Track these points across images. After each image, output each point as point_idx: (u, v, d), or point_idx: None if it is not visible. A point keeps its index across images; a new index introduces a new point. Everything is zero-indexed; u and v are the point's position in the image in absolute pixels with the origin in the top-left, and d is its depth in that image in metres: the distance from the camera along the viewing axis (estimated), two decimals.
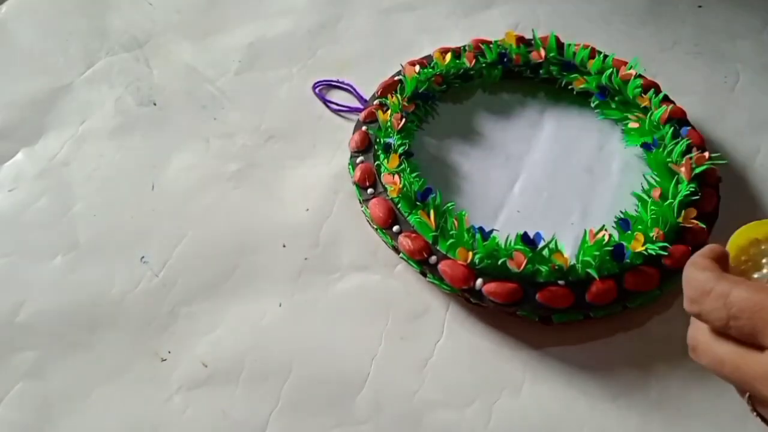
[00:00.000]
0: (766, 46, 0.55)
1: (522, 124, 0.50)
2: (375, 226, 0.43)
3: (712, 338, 0.26)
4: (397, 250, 0.42)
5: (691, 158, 0.44)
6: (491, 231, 0.41)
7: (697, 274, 0.27)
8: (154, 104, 0.51)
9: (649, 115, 0.47)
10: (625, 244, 0.40)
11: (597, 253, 0.40)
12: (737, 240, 0.29)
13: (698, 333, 0.27)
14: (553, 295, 0.39)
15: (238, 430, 0.37)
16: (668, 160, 0.45)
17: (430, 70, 0.50)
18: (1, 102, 0.51)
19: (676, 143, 0.45)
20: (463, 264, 0.40)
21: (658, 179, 0.44)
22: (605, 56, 0.51)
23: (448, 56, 0.51)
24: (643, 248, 0.40)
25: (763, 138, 0.50)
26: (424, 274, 0.41)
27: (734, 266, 0.29)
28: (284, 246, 0.44)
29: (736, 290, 0.25)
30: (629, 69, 0.49)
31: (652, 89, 0.49)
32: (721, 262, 0.28)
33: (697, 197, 0.42)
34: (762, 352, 0.24)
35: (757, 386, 0.24)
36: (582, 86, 0.50)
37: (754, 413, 0.26)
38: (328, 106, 0.52)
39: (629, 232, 0.41)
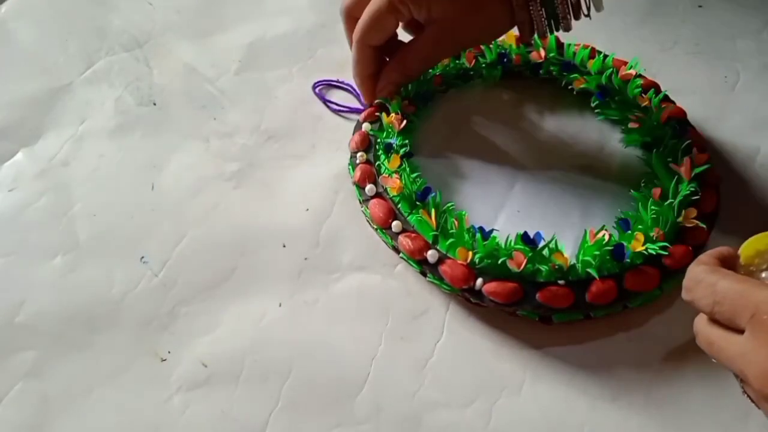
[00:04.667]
0: (766, 46, 0.55)
1: (522, 124, 0.50)
2: (375, 226, 0.43)
3: (707, 324, 0.30)
4: (397, 250, 0.42)
5: (691, 158, 0.44)
6: (491, 231, 0.41)
7: (694, 267, 0.31)
8: (154, 104, 0.51)
9: (649, 115, 0.47)
10: (625, 244, 0.40)
11: (597, 253, 0.40)
12: (754, 245, 0.31)
13: (699, 320, 0.31)
14: (553, 294, 0.39)
15: (238, 430, 0.37)
16: (668, 160, 0.45)
17: (430, 70, 0.50)
18: (0, 102, 0.51)
19: (676, 143, 0.45)
20: (463, 264, 0.40)
21: (658, 179, 0.44)
22: (605, 56, 0.51)
23: None
24: (643, 248, 0.40)
25: (763, 138, 0.49)
26: (424, 274, 0.41)
27: (745, 267, 0.31)
28: (284, 246, 0.44)
29: (723, 281, 0.29)
30: (629, 69, 0.49)
31: (652, 89, 0.48)
32: (727, 262, 0.31)
33: (697, 197, 0.42)
34: (741, 334, 0.27)
35: (737, 364, 0.28)
36: (582, 86, 0.50)
37: (745, 394, 0.29)
38: (328, 106, 0.52)
39: (629, 232, 0.41)
